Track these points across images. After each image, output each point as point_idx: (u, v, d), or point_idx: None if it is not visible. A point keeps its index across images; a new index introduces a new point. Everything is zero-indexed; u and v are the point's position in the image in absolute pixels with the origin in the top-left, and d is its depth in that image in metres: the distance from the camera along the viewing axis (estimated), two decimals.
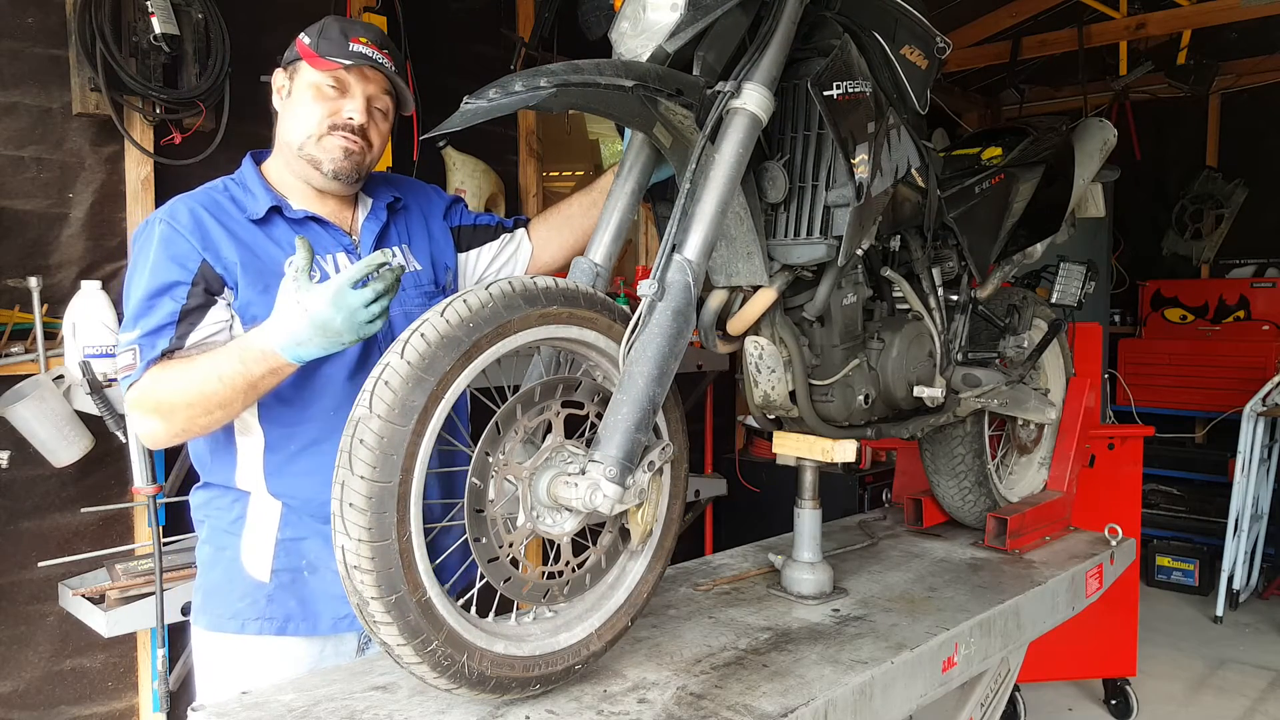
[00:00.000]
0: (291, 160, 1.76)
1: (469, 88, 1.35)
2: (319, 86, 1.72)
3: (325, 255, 1.75)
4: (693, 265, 1.46)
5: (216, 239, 1.67)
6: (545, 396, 1.44)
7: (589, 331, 1.49)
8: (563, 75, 1.34)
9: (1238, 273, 6.42)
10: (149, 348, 1.62)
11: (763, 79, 1.55)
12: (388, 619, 1.29)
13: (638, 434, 1.40)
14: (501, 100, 1.32)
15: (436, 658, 1.33)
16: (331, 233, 1.78)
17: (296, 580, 1.72)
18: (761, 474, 4.65)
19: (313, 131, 1.73)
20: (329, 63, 1.70)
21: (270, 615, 1.72)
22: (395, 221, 1.89)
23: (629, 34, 1.55)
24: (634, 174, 1.68)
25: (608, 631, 1.57)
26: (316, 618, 1.74)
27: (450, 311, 1.32)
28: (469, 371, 1.33)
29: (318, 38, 1.72)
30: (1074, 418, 2.73)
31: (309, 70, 1.72)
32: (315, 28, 1.74)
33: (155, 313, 1.62)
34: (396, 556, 1.28)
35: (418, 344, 1.29)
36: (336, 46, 1.71)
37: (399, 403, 1.26)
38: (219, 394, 1.56)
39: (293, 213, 1.75)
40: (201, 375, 1.57)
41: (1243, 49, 5.94)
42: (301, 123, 1.73)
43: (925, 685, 1.81)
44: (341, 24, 1.75)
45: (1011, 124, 4.56)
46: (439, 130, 1.36)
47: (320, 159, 1.74)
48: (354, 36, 1.72)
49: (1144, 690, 3.94)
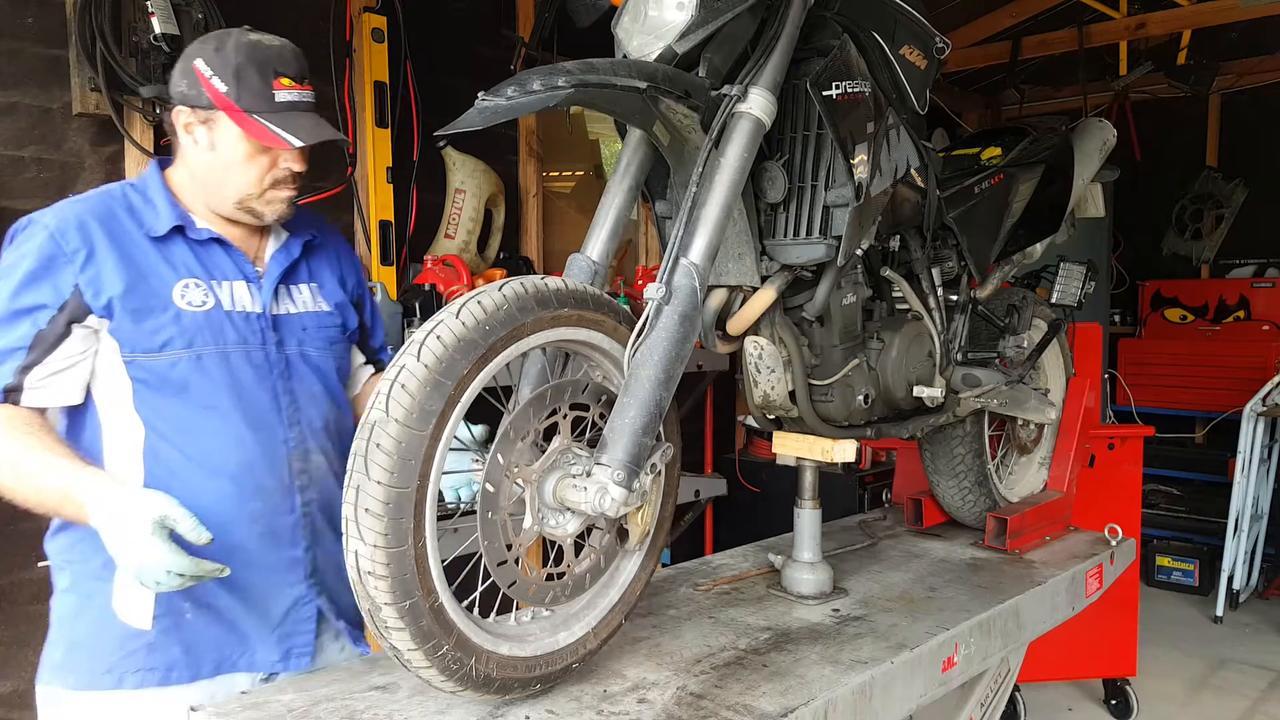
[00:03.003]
0: (222, 205, 1.63)
1: (469, 87, 1.35)
2: (249, 144, 1.58)
3: (222, 281, 1.64)
4: (698, 269, 1.47)
5: (101, 261, 1.54)
6: (555, 399, 1.44)
7: (595, 333, 1.49)
8: (580, 75, 1.33)
9: (1238, 273, 6.42)
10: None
11: (768, 84, 1.55)
12: (400, 624, 1.27)
13: (644, 437, 1.41)
14: (520, 99, 1.30)
15: (446, 661, 1.32)
16: (235, 258, 1.66)
17: (180, 624, 1.58)
18: (761, 474, 4.65)
19: (253, 192, 1.62)
20: (258, 126, 1.55)
21: (152, 665, 1.57)
22: (308, 260, 1.79)
23: (636, 31, 1.54)
24: (631, 171, 1.67)
25: (603, 629, 1.58)
26: (200, 662, 1.61)
27: (465, 313, 1.29)
28: (484, 375, 1.31)
29: (235, 85, 1.54)
30: (1074, 418, 2.73)
31: (232, 126, 1.57)
32: (223, 64, 1.55)
33: (9, 332, 1.50)
34: (412, 562, 1.26)
35: (434, 346, 1.26)
36: (261, 98, 1.55)
37: (417, 407, 1.24)
38: (22, 493, 1.47)
39: (196, 233, 1.63)
40: (24, 467, 1.46)
41: (1243, 49, 5.94)
42: (236, 181, 1.61)
43: (925, 685, 1.81)
44: (255, 59, 1.56)
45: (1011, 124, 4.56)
46: (456, 129, 1.32)
47: (263, 212, 1.65)
48: (275, 80, 1.56)
49: (1144, 690, 3.94)
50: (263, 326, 1.66)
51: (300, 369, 1.71)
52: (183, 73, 1.58)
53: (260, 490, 1.62)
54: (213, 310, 1.61)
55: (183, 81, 1.58)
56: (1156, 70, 5.84)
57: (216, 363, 1.60)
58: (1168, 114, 6.51)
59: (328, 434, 1.73)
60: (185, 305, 1.59)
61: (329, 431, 1.74)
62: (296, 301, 1.74)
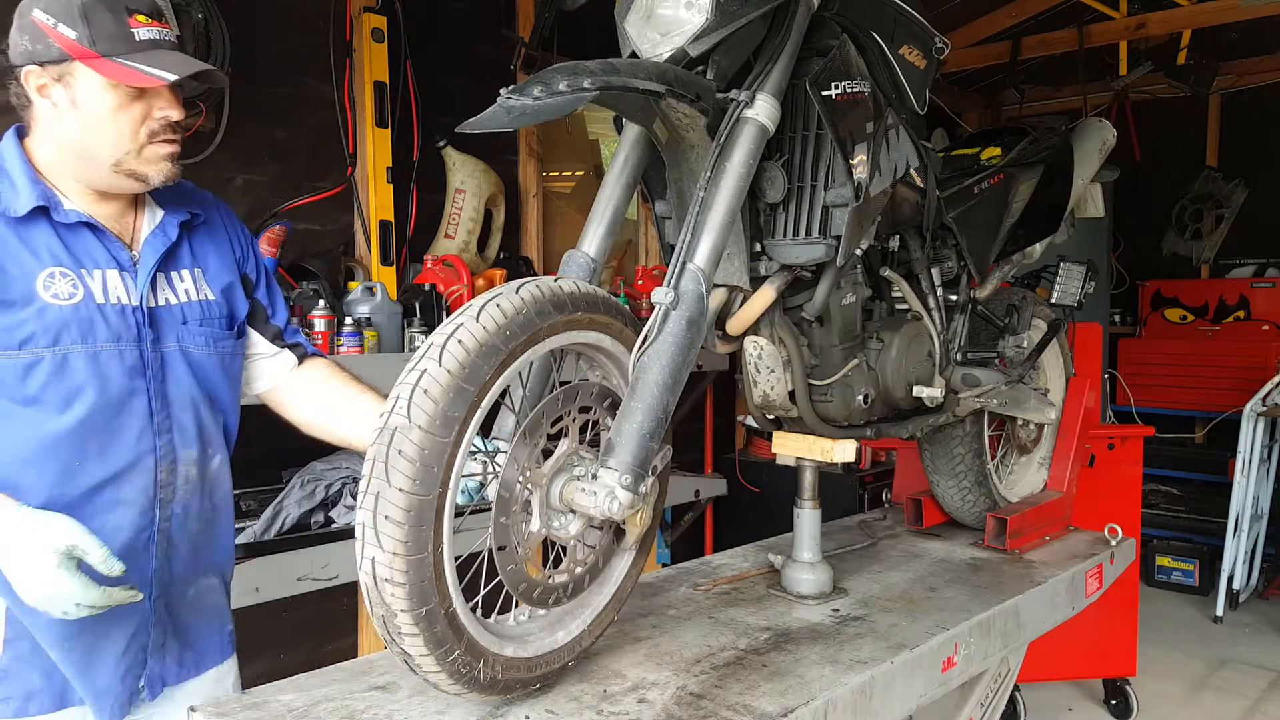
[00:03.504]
0: (97, 174, 1.45)
1: (469, 87, 1.35)
2: (116, 92, 1.40)
3: (93, 270, 1.45)
4: (704, 274, 1.47)
5: None
6: (567, 402, 1.44)
7: (604, 336, 1.49)
8: (604, 76, 1.33)
9: (1238, 273, 6.42)
10: None
11: (774, 90, 1.56)
12: (414, 630, 1.26)
13: (651, 442, 1.41)
14: (548, 100, 1.29)
15: (456, 666, 1.32)
16: (107, 243, 1.48)
17: (35, 649, 1.42)
18: (761, 474, 4.65)
19: (129, 148, 1.43)
20: (122, 68, 1.37)
21: (7, 695, 1.41)
22: (190, 240, 1.59)
23: (646, 29, 1.55)
24: (628, 168, 1.67)
25: (598, 626, 1.59)
26: (64, 687, 1.45)
27: (485, 317, 1.27)
28: (503, 379, 1.30)
29: (85, 28, 1.36)
30: (1074, 418, 2.73)
31: (92, 75, 1.39)
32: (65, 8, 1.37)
33: None
34: (430, 569, 1.25)
35: (457, 351, 1.24)
36: (118, 40, 1.38)
37: (440, 413, 1.22)
38: None
39: (63, 215, 1.44)
40: None
41: (1243, 49, 5.94)
42: (108, 139, 1.42)
43: (925, 685, 1.81)
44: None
45: (1011, 124, 4.56)
46: (482, 128, 1.30)
47: (146, 173, 1.46)
48: (129, 18, 1.39)
49: (1144, 690, 3.93)
50: (138, 321, 1.48)
51: (177, 369, 1.53)
52: (21, 29, 1.39)
53: (118, 504, 1.46)
54: (81, 303, 1.43)
55: (23, 39, 1.38)
56: (1156, 70, 5.84)
57: (84, 362, 1.42)
58: (1168, 114, 6.51)
59: (200, 441, 1.56)
60: (50, 298, 1.40)
61: (202, 438, 1.57)
62: (177, 291, 1.55)
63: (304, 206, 3.17)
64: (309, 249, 3.14)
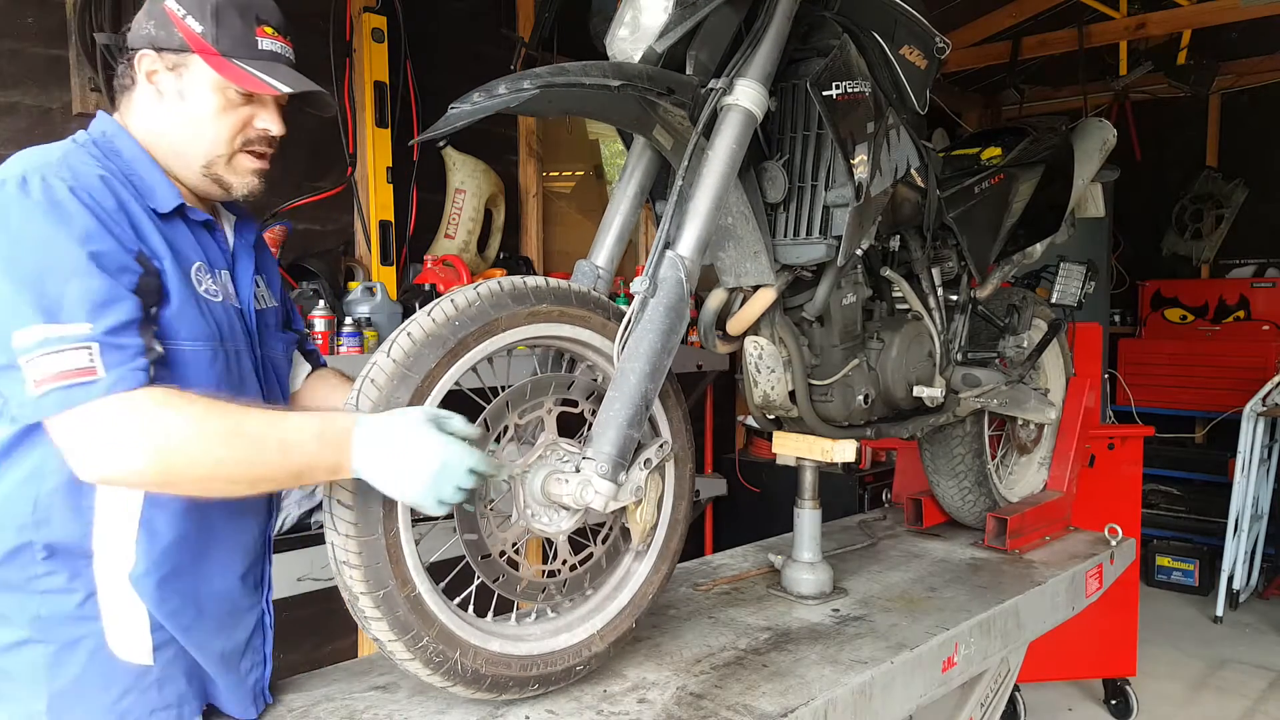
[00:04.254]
0: (185, 170, 1.39)
1: (469, 87, 1.36)
2: (225, 93, 1.37)
3: (219, 270, 1.42)
4: (686, 261, 1.47)
5: (140, 225, 1.30)
6: (537, 394, 1.44)
7: (583, 330, 1.49)
8: (547, 77, 1.34)
9: (1238, 273, 6.41)
10: (115, 350, 1.18)
11: (756, 75, 1.55)
12: (377, 614, 1.31)
13: (630, 430, 1.41)
14: (485, 103, 1.33)
15: (428, 654, 1.34)
16: (220, 244, 1.46)
17: (180, 652, 1.36)
18: (761, 474, 4.64)
19: (222, 152, 1.39)
20: (238, 70, 1.35)
21: (165, 703, 1.35)
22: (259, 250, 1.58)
23: (623, 38, 1.56)
24: (635, 177, 1.68)
25: (610, 633, 1.58)
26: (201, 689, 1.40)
27: (437, 310, 1.34)
28: (456, 369, 1.34)
29: (213, 26, 1.35)
30: (1074, 418, 2.73)
31: (207, 71, 1.35)
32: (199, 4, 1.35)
33: (114, 306, 1.20)
34: (383, 551, 1.30)
35: (403, 342, 1.31)
36: (242, 44, 1.36)
37: (384, 400, 1.28)
38: (263, 467, 1.23)
39: (196, 214, 1.40)
40: (256, 431, 1.22)
41: (1243, 49, 5.94)
42: (205, 137, 1.38)
43: (925, 685, 1.81)
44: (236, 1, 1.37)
45: (1011, 124, 4.55)
46: (428, 136, 1.36)
47: (231, 182, 1.41)
48: (258, 27, 1.38)
49: (1144, 690, 3.93)
50: (250, 324, 1.47)
51: (270, 374, 1.52)
52: (149, 14, 1.37)
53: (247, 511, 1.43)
54: (224, 303, 1.41)
55: (149, 23, 1.36)
56: (1156, 70, 5.83)
57: (237, 362, 1.40)
58: (1168, 114, 6.51)
59: None
60: (205, 294, 1.37)
61: None
62: (260, 297, 1.54)
63: (304, 206, 3.17)
64: (309, 249, 3.14)
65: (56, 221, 1.19)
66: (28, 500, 1.26)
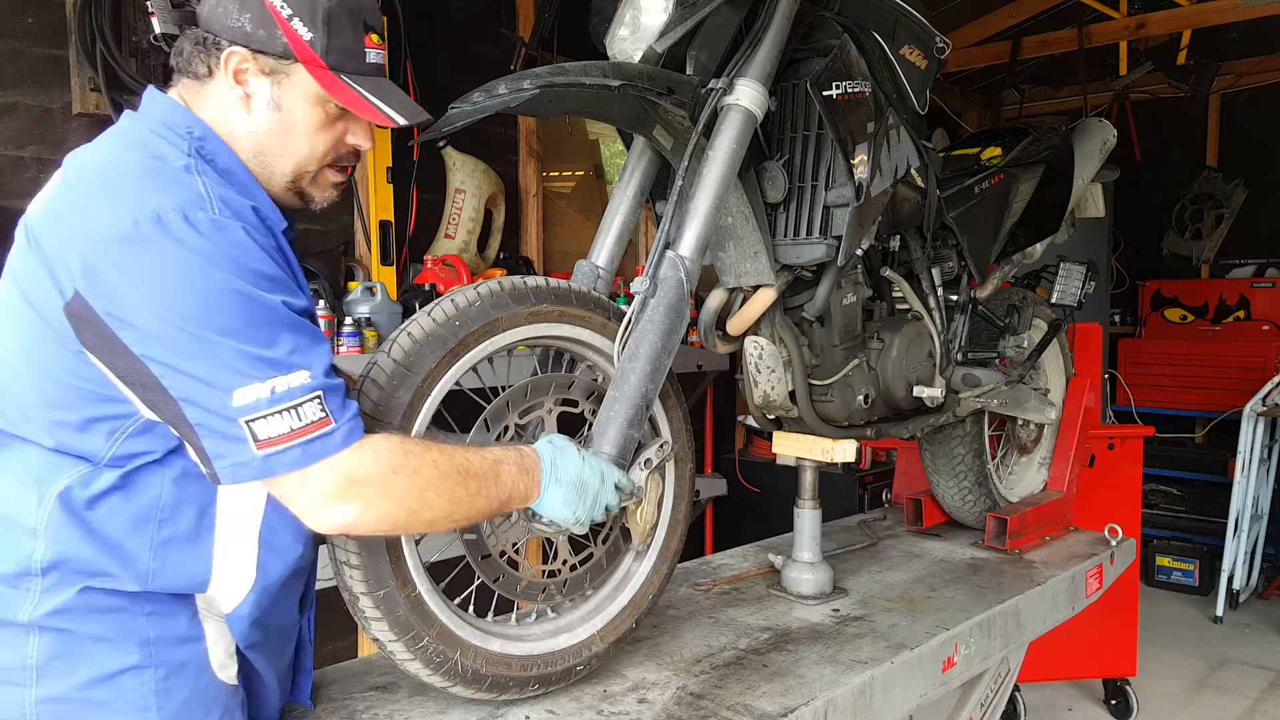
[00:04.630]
0: (266, 180, 1.30)
1: (469, 87, 1.36)
2: (326, 108, 1.28)
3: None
4: (686, 261, 1.47)
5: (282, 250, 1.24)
6: (537, 394, 1.44)
7: (583, 330, 1.49)
8: (547, 77, 1.34)
9: (1238, 273, 6.41)
10: (335, 394, 1.13)
11: (756, 75, 1.55)
12: (377, 614, 1.30)
13: (630, 430, 1.41)
14: (485, 103, 1.33)
15: (428, 654, 1.34)
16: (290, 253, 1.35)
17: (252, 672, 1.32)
18: (761, 474, 4.64)
19: (313, 168, 1.31)
20: (354, 95, 1.25)
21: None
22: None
23: (623, 38, 1.56)
24: (635, 177, 1.68)
25: (611, 633, 1.58)
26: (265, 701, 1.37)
27: (438, 310, 1.34)
28: (457, 368, 1.34)
29: (324, 35, 1.23)
30: (1074, 418, 2.73)
31: (311, 85, 1.25)
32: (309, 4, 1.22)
33: (317, 347, 1.15)
34: (384, 552, 1.29)
35: (404, 342, 1.31)
36: (352, 56, 1.26)
37: (385, 399, 1.28)
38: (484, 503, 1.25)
39: (291, 233, 1.34)
40: (479, 469, 1.23)
41: (1243, 49, 5.94)
42: (298, 152, 1.29)
43: (925, 685, 1.81)
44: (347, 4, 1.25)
45: (1011, 124, 4.55)
46: (428, 135, 1.36)
47: (313, 195, 1.34)
48: (368, 33, 1.28)
49: (1144, 690, 3.93)
50: None
51: None
52: (242, 4, 1.22)
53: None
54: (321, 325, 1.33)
55: (242, 16, 1.21)
56: (1156, 70, 5.83)
57: None
58: (1168, 114, 6.51)
59: None
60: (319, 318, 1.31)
61: None
62: None
63: None
64: (309, 249, 3.14)
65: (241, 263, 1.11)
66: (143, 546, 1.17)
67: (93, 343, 1.10)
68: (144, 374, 1.09)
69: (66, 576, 1.14)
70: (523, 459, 1.30)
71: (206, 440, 1.10)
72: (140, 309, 1.07)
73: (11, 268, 1.19)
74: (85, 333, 1.10)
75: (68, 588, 1.14)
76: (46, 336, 1.13)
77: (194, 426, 1.10)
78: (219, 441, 1.10)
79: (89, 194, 1.14)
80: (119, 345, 1.08)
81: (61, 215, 1.14)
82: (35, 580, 1.14)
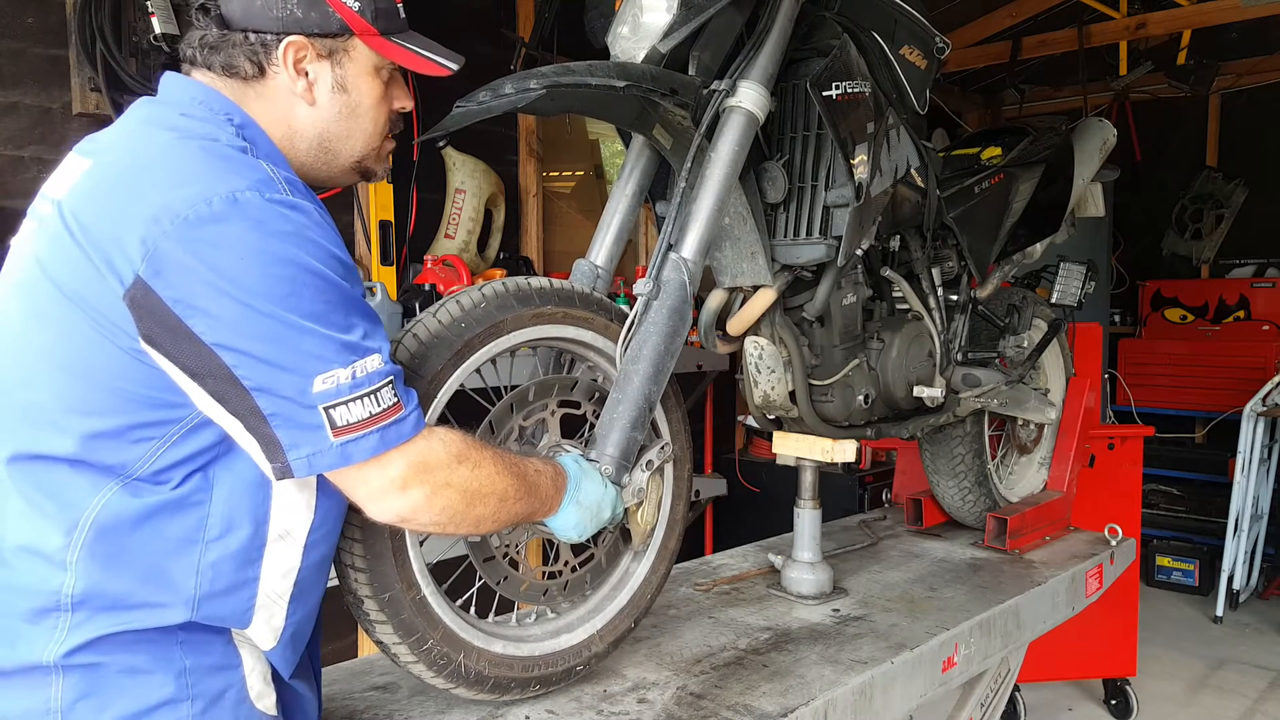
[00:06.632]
0: (327, 170, 1.27)
1: (469, 87, 1.36)
2: (380, 75, 1.25)
3: None
4: (689, 263, 1.47)
5: None
6: (540, 396, 1.44)
7: (585, 331, 1.49)
8: (553, 77, 1.34)
9: (1238, 273, 6.41)
10: (401, 379, 1.12)
11: (759, 77, 1.55)
12: (382, 617, 1.29)
13: (633, 432, 1.41)
14: (492, 102, 1.32)
15: (433, 656, 1.34)
16: None
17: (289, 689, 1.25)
18: (761, 474, 4.64)
19: (378, 143, 1.29)
20: (409, 54, 1.23)
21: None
22: None
23: (625, 37, 1.56)
24: (635, 176, 1.68)
25: (610, 633, 1.58)
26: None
27: (443, 312, 1.33)
28: (461, 370, 1.34)
29: (370, 1, 1.20)
30: (1074, 418, 2.73)
31: (368, 54, 1.21)
32: None
33: (380, 329, 1.12)
34: (389, 554, 1.28)
35: (409, 343, 1.30)
36: (393, 17, 1.23)
37: None
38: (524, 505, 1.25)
39: None
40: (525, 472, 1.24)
41: (1243, 49, 5.94)
42: (365, 130, 1.26)
43: (925, 685, 1.81)
44: None
45: (1011, 124, 4.56)
46: (432, 133, 1.36)
47: (375, 170, 1.33)
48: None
49: (1144, 690, 3.93)
50: None
51: None
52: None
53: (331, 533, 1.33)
54: None
55: (289, 3, 1.16)
56: (1156, 70, 5.84)
57: None
58: (1168, 114, 6.51)
59: None
60: None
61: None
62: None
63: None
64: None
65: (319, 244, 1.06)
66: (187, 571, 1.08)
67: (155, 333, 1.01)
68: (214, 363, 1.01)
69: (100, 610, 1.04)
70: (556, 475, 1.32)
71: (281, 431, 1.03)
72: (215, 294, 0.99)
73: (38, 259, 1.08)
74: (147, 322, 1.01)
75: (100, 621, 1.04)
76: (88, 334, 1.04)
77: (267, 417, 1.03)
78: (294, 431, 1.03)
79: (146, 174, 1.05)
80: (186, 333, 1.00)
81: (111, 197, 1.05)
82: (63, 616, 1.04)
